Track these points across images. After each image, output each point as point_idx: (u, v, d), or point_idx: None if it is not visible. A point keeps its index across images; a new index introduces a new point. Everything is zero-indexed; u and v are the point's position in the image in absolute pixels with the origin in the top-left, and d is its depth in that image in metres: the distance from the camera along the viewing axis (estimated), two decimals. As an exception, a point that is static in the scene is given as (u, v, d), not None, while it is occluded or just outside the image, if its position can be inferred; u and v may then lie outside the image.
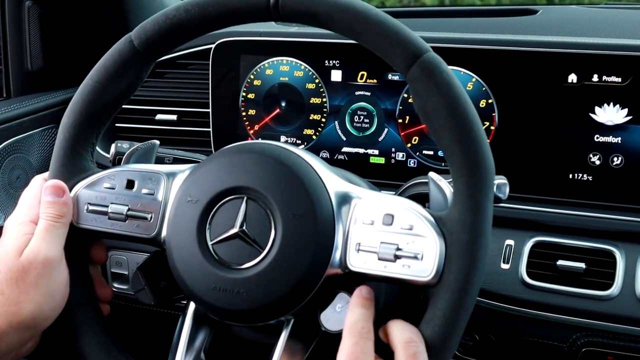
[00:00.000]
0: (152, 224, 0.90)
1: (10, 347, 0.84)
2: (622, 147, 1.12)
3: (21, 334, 0.84)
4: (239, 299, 0.82)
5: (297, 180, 0.83)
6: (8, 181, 1.28)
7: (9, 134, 1.28)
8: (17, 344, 0.84)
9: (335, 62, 1.25)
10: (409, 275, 0.78)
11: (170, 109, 1.38)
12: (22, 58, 1.39)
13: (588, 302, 1.05)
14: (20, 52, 1.39)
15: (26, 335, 0.85)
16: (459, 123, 0.77)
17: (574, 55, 1.12)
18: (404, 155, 1.24)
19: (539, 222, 1.13)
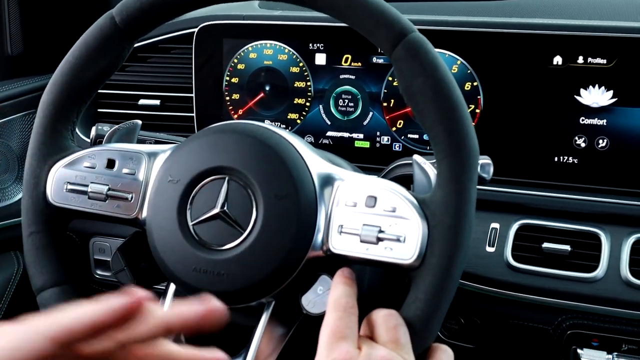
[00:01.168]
0: (133, 204, 0.89)
1: None
2: (608, 130, 1.12)
3: None
4: (220, 280, 0.81)
5: (280, 161, 0.82)
6: (-12, 167, 1.28)
7: (-11, 119, 1.27)
8: None
9: (319, 46, 1.24)
10: (391, 257, 0.78)
11: (153, 94, 1.37)
12: (1, 42, 1.38)
13: (573, 284, 1.05)
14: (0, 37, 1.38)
15: None
16: (444, 104, 0.76)
17: (559, 37, 1.12)
18: (389, 139, 1.23)
19: (525, 205, 1.14)
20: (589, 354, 1.05)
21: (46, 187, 0.91)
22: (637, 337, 1.03)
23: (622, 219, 1.09)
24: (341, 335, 0.72)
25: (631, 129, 1.10)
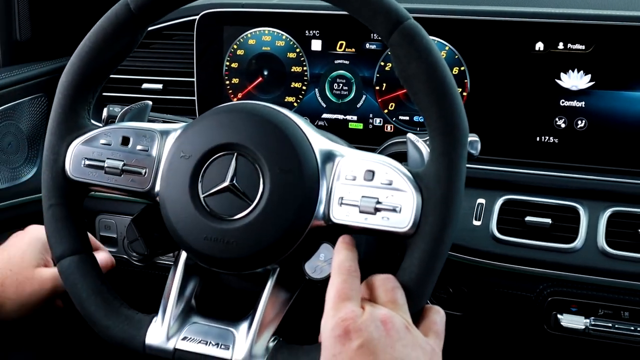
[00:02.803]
0: (147, 178, 0.95)
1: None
2: (586, 111, 1.18)
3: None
4: (229, 248, 0.87)
5: (285, 138, 0.88)
6: (0, 147, 1.33)
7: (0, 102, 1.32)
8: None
9: (315, 32, 1.30)
10: (388, 226, 0.84)
11: (156, 79, 1.41)
12: (10, 29, 1.43)
13: (554, 254, 1.12)
14: (9, 23, 1.43)
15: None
16: (437, 86, 0.82)
17: (541, 25, 1.19)
18: (381, 120, 1.30)
19: (509, 182, 1.20)
20: (568, 318, 1.12)
21: (65, 163, 0.97)
22: (612, 302, 1.10)
23: (599, 194, 1.15)
24: (346, 296, 0.78)
25: (608, 111, 1.17)
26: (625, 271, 1.09)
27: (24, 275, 1.10)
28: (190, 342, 0.92)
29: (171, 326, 0.93)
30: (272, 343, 0.91)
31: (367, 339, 0.72)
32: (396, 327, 0.75)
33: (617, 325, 1.10)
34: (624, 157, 1.18)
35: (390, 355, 0.72)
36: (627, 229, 1.11)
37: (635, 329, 1.09)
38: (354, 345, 0.72)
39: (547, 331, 1.15)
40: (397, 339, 0.74)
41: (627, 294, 1.09)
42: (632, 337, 1.09)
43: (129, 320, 0.94)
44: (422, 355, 0.74)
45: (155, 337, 0.92)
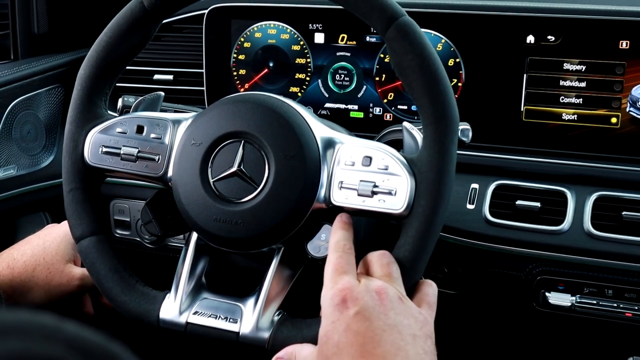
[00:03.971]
0: (160, 164, 1.01)
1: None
2: (575, 101, 1.25)
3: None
4: (237, 228, 0.94)
5: (289, 126, 0.94)
6: (20, 135, 1.40)
7: (20, 92, 1.39)
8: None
9: (318, 26, 1.36)
10: (384, 208, 0.90)
11: (167, 70, 1.48)
12: (29, 22, 1.49)
13: (542, 236, 1.18)
14: (27, 17, 1.49)
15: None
16: (429, 78, 0.88)
17: (532, 19, 1.24)
18: (381, 109, 1.36)
19: (501, 168, 1.26)
20: (556, 296, 1.18)
21: (84, 150, 1.03)
22: (597, 281, 1.16)
23: (586, 179, 1.22)
24: (343, 270, 0.84)
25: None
26: (609, 252, 1.15)
27: (55, 268, 1.17)
28: (201, 316, 0.98)
29: (183, 301, 0.99)
30: (277, 317, 0.97)
31: (362, 306, 0.78)
32: (390, 297, 0.80)
33: (602, 303, 1.16)
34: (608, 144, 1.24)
35: (383, 322, 0.77)
36: (611, 212, 1.17)
37: (618, 305, 1.15)
38: (351, 312, 0.78)
39: (536, 308, 1.21)
40: (391, 307, 0.79)
41: (611, 273, 1.16)
42: (615, 313, 1.16)
43: (144, 296, 1.01)
44: (414, 324, 0.80)
45: (169, 312, 0.98)
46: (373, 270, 0.87)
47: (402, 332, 0.78)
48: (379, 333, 0.76)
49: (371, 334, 0.76)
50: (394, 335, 0.77)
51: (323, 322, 0.81)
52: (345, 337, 0.77)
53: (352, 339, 0.77)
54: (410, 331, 0.79)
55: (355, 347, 0.76)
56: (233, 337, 0.96)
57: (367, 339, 0.76)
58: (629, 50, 1.20)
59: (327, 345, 0.79)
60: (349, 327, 0.77)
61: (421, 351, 0.77)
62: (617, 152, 1.23)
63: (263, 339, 0.95)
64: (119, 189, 1.42)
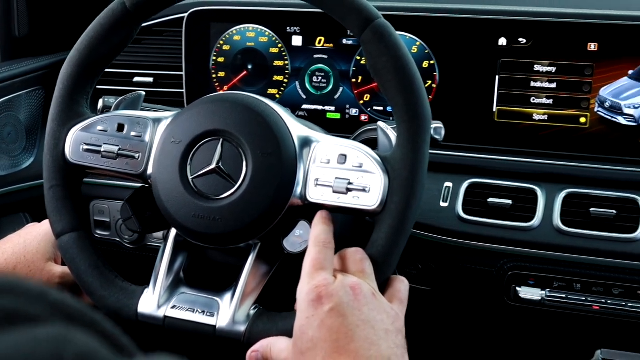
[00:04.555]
0: (140, 161, 1.03)
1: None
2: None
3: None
4: (215, 224, 0.96)
5: (266, 125, 0.97)
6: (0, 137, 1.41)
7: (1, 94, 1.40)
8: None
9: (296, 29, 1.39)
10: (358, 205, 0.93)
11: (147, 72, 1.49)
12: (10, 25, 1.51)
13: (513, 232, 1.21)
14: (8, 19, 1.50)
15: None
16: (403, 78, 0.91)
17: (504, 22, 1.28)
18: (357, 111, 1.39)
19: (474, 167, 1.29)
20: (526, 291, 1.21)
21: (65, 148, 1.05)
22: (566, 275, 1.20)
23: (555, 177, 1.25)
24: (320, 266, 0.86)
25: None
26: (577, 247, 1.18)
27: (36, 266, 1.18)
28: (179, 310, 1.00)
29: (161, 296, 1.01)
30: (253, 311, 0.99)
31: (337, 303, 0.80)
32: (364, 293, 0.83)
33: (570, 296, 1.19)
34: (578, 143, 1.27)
35: (357, 318, 0.80)
36: (580, 209, 1.20)
37: (586, 299, 1.18)
38: (326, 308, 0.80)
39: (507, 303, 1.24)
40: (365, 303, 0.82)
41: (579, 267, 1.19)
42: (583, 306, 1.19)
43: (123, 291, 1.02)
44: (386, 319, 0.82)
45: (147, 306, 1.00)
46: (347, 266, 0.89)
47: (376, 327, 0.80)
48: (353, 329, 0.79)
49: (345, 330, 0.79)
50: (367, 330, 0.79)
51: (298, 316, 0.83)
52: (320, 332, 0.79)
53: (326, 334, 0.79)
54: (383, 326, 0.81)
55: (330, 343, 0.78)
56: (210, 330, 0.98)
57: (341, 334, 0.78)
58: (597, 52, 1.24)
59: (301, 340, 0.81)
60: (324, 322, 0.80)
61: (393, 345, 0.80)
62: (585, 151, 1.27)
63: (239, 332, 0.97)
64: (99, 190, 1.43)
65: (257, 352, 0.91)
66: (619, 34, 1.23)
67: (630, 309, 1.17)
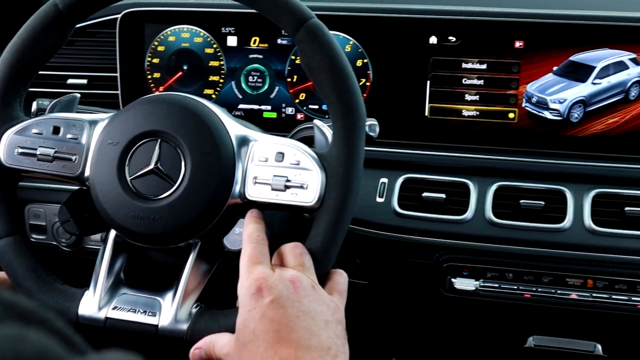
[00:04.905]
0: (77, 164, 1.02)
1: None
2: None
3: None
4: (155, 224, 0.96)
5: (204, 124, 0.98)
6: None
7: None
8: None
9: (230, 29, 1.40)
10: (296, 201, 0.94)
11: (81, 74, 1.48)
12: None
13: (447, 225, 1.24)
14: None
15: None
16: (337, 77, 0.94)
17: (434, 20, 1.32)
18: (293, 109, 1.41)
19: (408, 162, 1.32)
20: (461, 281, 1.25)
21: None
22: (498, 266, 1.24)
23: (487, 171, 1.29)
24: (257, 260, 0.88)
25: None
26: (509, 238, 1.22)
27: None
28: (120, 310, 1.00)
29: (102, 297, 1.00)
30: (195, 309, 0.99)
31: (277, 295, 0.82)
32: (303, 285, 0.85)
33: (503, 286, 1.23)
34: (507, 138, 1.32)
35: (297, 309, 0.81)
36: (510, 201, 1.24)
37: (517, 288, 1.23)
38: (267, 300, 0.82)
39: (443, 294, 1.27)
40: (304, 295, 0.83)
41: (511, 257, 1.23)
42: (515, 295, 1.23)
43: (63, 293, 1.02)
44: (326, 310, 0.84)
45: (88, 308, 1.00)
46: (287, 260, 0.91)
47: (315, 318, 0.82)
48: (293, 319, 0.80)
49: (286, 321, 0.80)
50: (307, 321, 0.81)
51: (240, 311, 0.84)
52: (261, 324, 0.81)
53: (267, 325, 0.80)
54: (323, 317, 0.83)
55: (271, 334, 0.80)
56: (152, 330, 0.98)
57: (281, 325, 0.80)
58: (523, 49, 1.29)
59: (243, 333, 0.82)
60: (265, 314, 0.81)
61: (333, 335, 0.81)
62: (515, 145, 1.31)
63: (182, 330, 0.97)
64: (34, 194, 1.41)
65: (200, 349, 0.92)
66: (543, 31, 1.28)
67: (559, 296, 1.22)
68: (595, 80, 1.27)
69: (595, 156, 1.30)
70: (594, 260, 1.21)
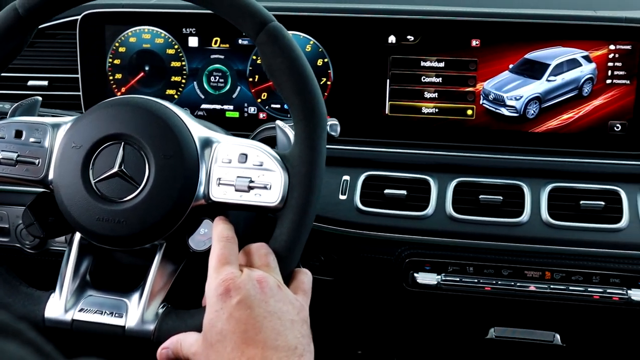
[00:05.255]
0: (40, 167, 1.02)
1: None
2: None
3: None
4: (120, 227, 0.97)
5: (167, 127, 0.98)
6: None
7: None
8: None
9: (191, 30, 1.41)
10: (260, 202, 0.96)
11: (42, 76, 1.48)
12: None
13: (409, 221, 1.27)
14: None
15: None
16: (298, 79, 0.95)
17: (393, 20, 1.34)
18: (255, 109, 1.42)
19: (370, 160, 1.34)
20: (423, 276, 1.27)
21: None
22: (459, 260, 1.26)
23: (447, 167, 1.31)
24: (226, 261, 0.89)
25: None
26: (469, 232, 1.25)
27: None
28: (87, 312, 1.00)
29: (68, 300, 1.01)
30: (162, 309, 1.00)
31: (244, 295, 0.83)
32: (270, 286, 0.86)
33: (464, 279, 1.26)
34: (466, 134, 1.35)
35: (264, 309, 0.83)
36: (469, 196, 1.27)
37: (478, 281, 1.25)
38: (234, 301, 0.83)
39: (406, 288, 1.29)
40: (271, 295, 0.85)
41: (471, 252, 1.26)
42: (476, 288, 1.26)
43: (29, 297, 1.02)
44: (291, 309, 0.86)
45: (54, 311, 1.00)
46: (252, 260, 0.92)
47: (282, 318, 0.83)
48: (260, 320, 0.82)
49: (253, 321, 0.81)
50: (274, 321, 0.82)
51: (207, 310, 0.85)
52: (228, 324, 0.82)
53: (234, 326, 0.81)
54: (289, 317, 0.84)
55: (238, 334, 0.81)
56: (119, 331, 0.99)
57: (248, 325, 0.81)
58: (479, 47, 1.32)
59: (211, 333, 0.83)
60: (232, 315, 0.82)
61: (299, 335, 0.83)
62: (473, 142, 1.34)
63: (149, 331, 0.98)
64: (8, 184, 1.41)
65: (168, 348, 0.93)
66: (499, 30, 1.31)
67: (518, 289, 1.25)
68: (549, 78, 1.30)
69: (551, 151, 1.33)
70: (551, 253, 1.24)
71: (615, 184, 1.27)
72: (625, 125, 1.31)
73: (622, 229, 1.22)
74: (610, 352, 1.52)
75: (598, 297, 1.23)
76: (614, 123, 1.31)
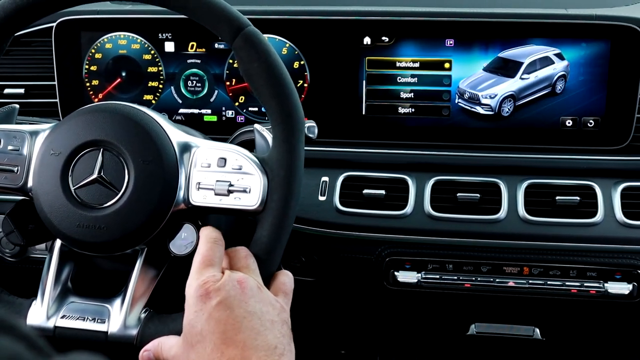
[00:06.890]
0: (19, 175, 1.02)
1: None
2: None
3: None
4: (100, 233, 0.97)
5: (145, 133, 0.99)
6: None
7: None
8: None
9: (167, 35, 1.41)
10: (240, 205, 0.97)
11: (17, 84, 1.47)
12: None
13: (388, 220, 1.28)
14: None
15: None
16: (275, 82, 0.96)
17: (367, 22, 1.35)
18: (233, 112, 1.42)
19: (348, 160, 1.36)
20: (403, 274, 1.28)
21: None
22: (439, 257, 1.28)
23: (424, 166, 1.33)
24: (209, 262, 0.90)
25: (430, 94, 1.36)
26: (447, 230, 1.27)
27: None
28: (69, 319, 1.00)
29: (50, 307, 1.01)
30: (144, 314, 1.01)
31: (224, 296, 0.84)
32: (250, 287, 0.87)
33: (444, 277, 1.28)
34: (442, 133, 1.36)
35: (244, 310, 0.84)
36: (447, 195, 1.28)
37: (458, 278, 1.27)
38: (214, 302, 0.84)
39: (387, 287, 1.31)
40: (251, 296, 0.86)
41: (450, 249, 1.27)
42: (456, 285, 1.28)
43: (10, 304, 1.02)
44: (272, 310, 0.86)
45: (36, 318, 1.00)
46: (233, 263, 0.93)
47: (262, 318, 0.84)
48: (240, 320, 0.83)
49: (232, 322, 0.82)
50: (254, 321, 0.83)
51: (187, 312, 0.86)
52: (208, 325, 0.83)
53: (214, 326, 0.82)
54: (269, 317, 0.85)
55: (217, 335, 0.82)
56: (102, 336, 0.99)
57: (228, 326, 0.82)
58: (453, 47, 1.33)
59: (191, 334, 0.84)
60: (211, 315, 0.83)
61: (279, 335, 0.84)
62: (450, 140, 1.36)
63: (131, 336, 0.99)
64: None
65: (149, 351, 0.93)
66: (472, 29, 1.33)
67: (498, 285, 1.27)
68: (523, 76, 1.32)
69: (526, 148, 1.35)
70: (529, 249, 1.26)
71: (589, 179, 1.29)
72: (599, 121, 1.33)
73: (598, 224, 1.24)
74: (588, 344, 1.55)
75: (576, 290, 1.25)
76: (587, 119, 1.33)
